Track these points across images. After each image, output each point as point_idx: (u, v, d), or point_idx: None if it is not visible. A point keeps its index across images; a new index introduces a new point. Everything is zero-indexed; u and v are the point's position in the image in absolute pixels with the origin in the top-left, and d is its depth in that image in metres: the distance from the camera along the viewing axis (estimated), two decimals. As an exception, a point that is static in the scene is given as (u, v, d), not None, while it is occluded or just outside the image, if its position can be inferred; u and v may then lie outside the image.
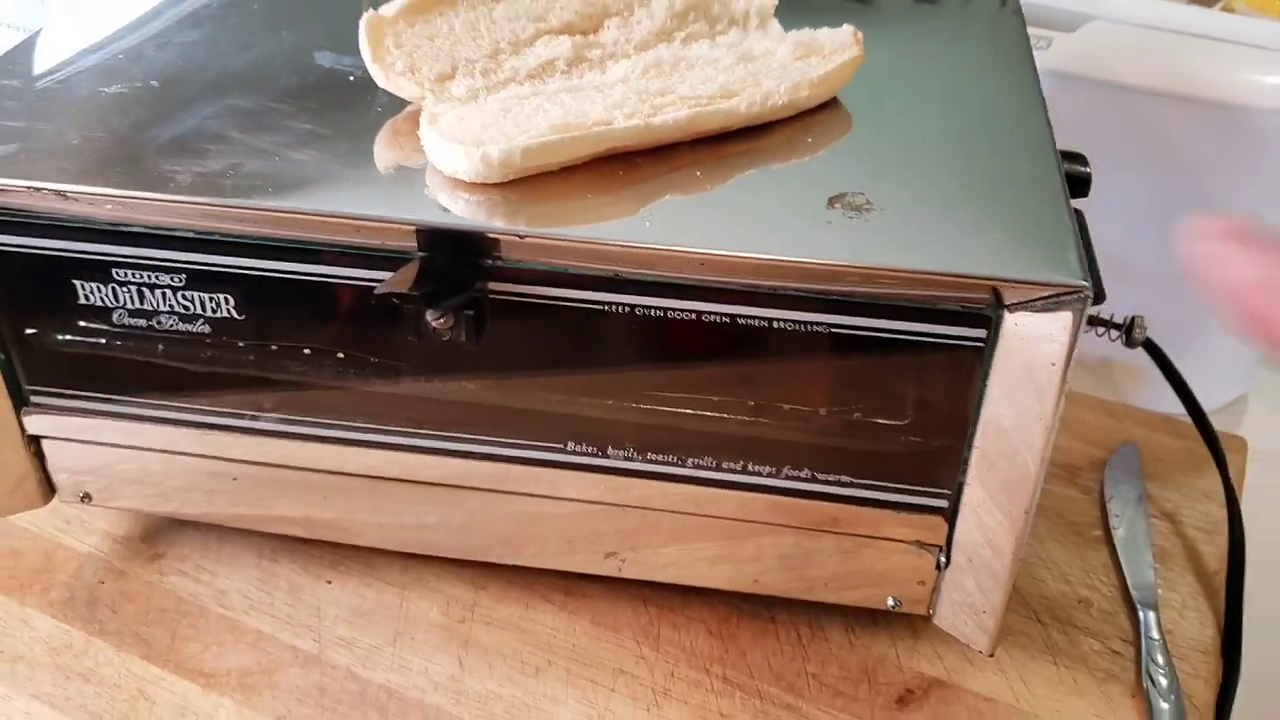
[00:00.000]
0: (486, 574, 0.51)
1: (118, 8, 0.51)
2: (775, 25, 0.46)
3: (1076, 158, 0.45)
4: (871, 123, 0.43)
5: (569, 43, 0.42)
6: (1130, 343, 0.55)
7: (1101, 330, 0.54)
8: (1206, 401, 0.68)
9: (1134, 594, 0.51)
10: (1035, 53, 0.60)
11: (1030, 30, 0.61)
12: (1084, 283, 0.34)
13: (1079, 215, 0.48)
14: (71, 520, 0.53)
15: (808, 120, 0.42)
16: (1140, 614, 0.50)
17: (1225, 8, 0.77)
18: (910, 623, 0.49)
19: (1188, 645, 0.49)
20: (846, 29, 0.44)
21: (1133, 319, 0.54)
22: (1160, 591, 0.51)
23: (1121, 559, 0.52)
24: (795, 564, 0.46)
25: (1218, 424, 0.66)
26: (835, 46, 0.43)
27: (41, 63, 0.46)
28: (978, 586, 0.42)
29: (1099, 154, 0.61)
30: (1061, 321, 0.35)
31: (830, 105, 0.43)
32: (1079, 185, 0.45)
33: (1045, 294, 0.35)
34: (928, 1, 0.56)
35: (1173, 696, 0.46)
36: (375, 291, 0.37)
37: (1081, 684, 0.47)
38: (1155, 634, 0.49)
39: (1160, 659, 0.48)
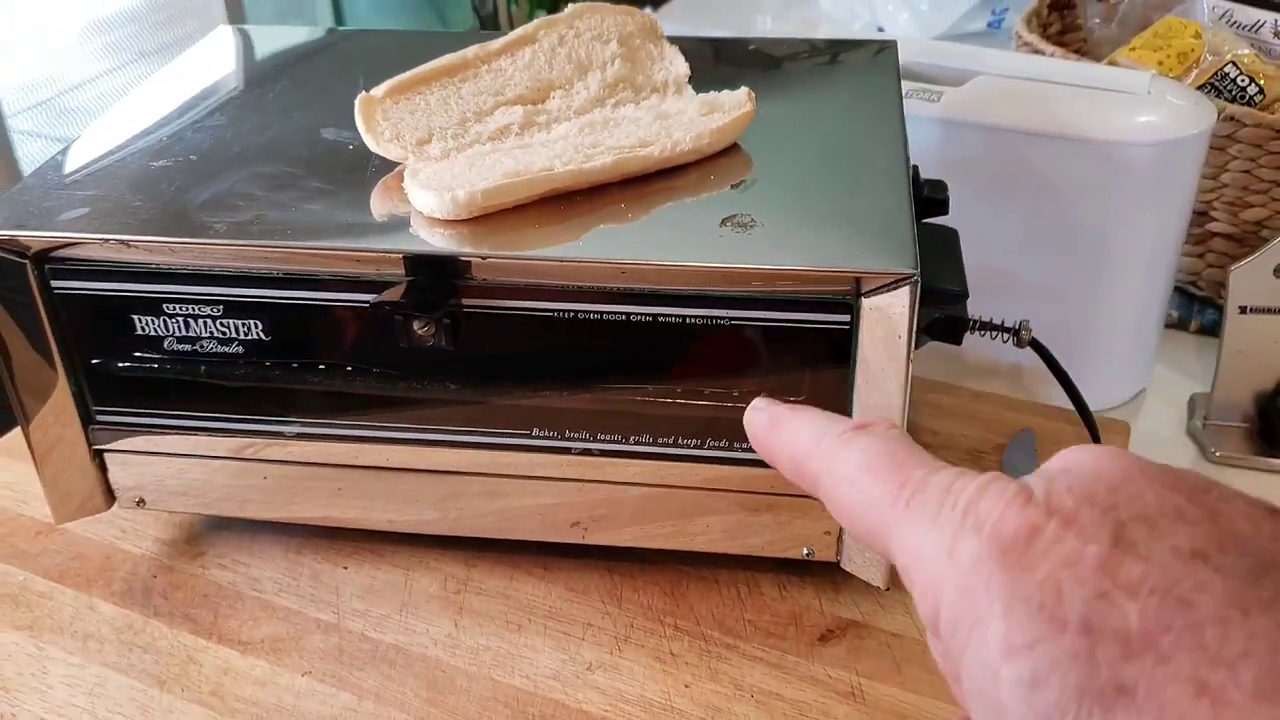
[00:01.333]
0: (477, 554, 0.60)
1: (157, 105, 0.62)
2: (689, 90, 0.57)
3: (937, 185, 0.56)
4: (765, 162, 0.54)
5: (521, 111, 0.53)
6: (1019, 343, 0.65)
7: (995, 334, 0.64)
8: (1109, 397, 0.78)
9: (1022, 548, 0.60)
10: (927, 104, 0.71)
11: (922, 85, 0.72)
12: (914, 271, 0.45)
13: (953, 233, 0.59)
14: (127, 529, 0.63)
15: (714, 162, 0.53)
16: (1026, 563, 0.59)
17: (1110, 61, 0.88)
18: (832, 578, 0.58)
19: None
20: (743, 90, 0.54)
21: (1020, 323, 0.64)
22: (1046, 546, 0.60)
23: (1014, 522, 0.62)
24: (737, 534, 0.56)
25: (1119, 416, 0.76)
26: (733, 104, 0.54)
27: (102, 147, 0.57)
28: (870, 530, 0.52)
29: (987, 187, 0.72)
30: (902, 300, 0.45)
31: (733, 150, 0.54)
32: (939, 205, 0.55)
33: (889, 280, 0.45)
34: (827, 62, 0.67)
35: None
36: (371, 302, 0.48)
37: (974, 619, 0.56)
38: (1039, 578, 0.58)
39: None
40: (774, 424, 0.29)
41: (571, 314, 0.49)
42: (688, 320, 0.48)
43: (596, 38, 0.57)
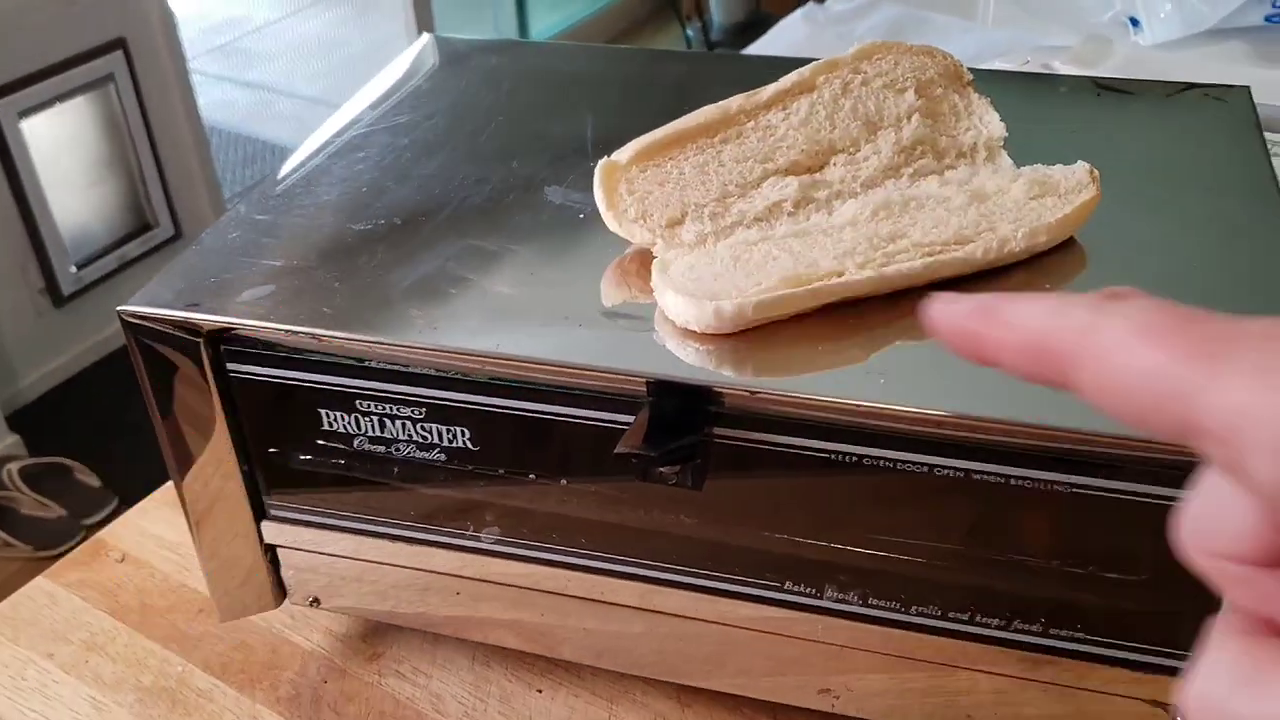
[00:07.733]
0: (692, 692, 0.51)
1: (356, 139, 0.53)
2: (1004, 158, 0.45)
3: (1331, 295, 0.43)
4: (1108, 261, 0.42)
5: (795, 183, 0.43)
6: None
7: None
8: None
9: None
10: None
11: (1274, 135, 0.58)
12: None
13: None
14: (296, 616, 0.56)
15: (1042, 260, 0.41)
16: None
17: None
18: (1136, 770, 0.47)
19: None
20: (1082, 166, 0.42)
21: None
22: None
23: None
24: (1010, 700, 0.45)
25: None
26: (1071, 185, 0.42)
27: (292, 193, 0.49)
28: (1221, 754, 0.40)
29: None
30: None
31: (1064, 242, 0.42)
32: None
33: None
34: (1175, 93, 0.54)
35: None
36: (614, 451, 0.38)
37: None
38: None
39: None
40: (986, 310, 0.22)
41: (854, 458, 0.38)
42: (1011, 481, 0.37)
43: (888, 85, 0.45)
